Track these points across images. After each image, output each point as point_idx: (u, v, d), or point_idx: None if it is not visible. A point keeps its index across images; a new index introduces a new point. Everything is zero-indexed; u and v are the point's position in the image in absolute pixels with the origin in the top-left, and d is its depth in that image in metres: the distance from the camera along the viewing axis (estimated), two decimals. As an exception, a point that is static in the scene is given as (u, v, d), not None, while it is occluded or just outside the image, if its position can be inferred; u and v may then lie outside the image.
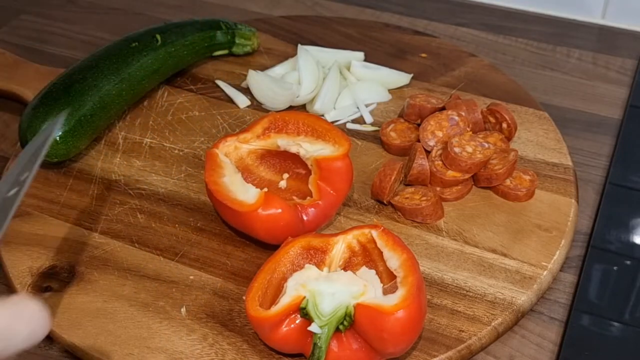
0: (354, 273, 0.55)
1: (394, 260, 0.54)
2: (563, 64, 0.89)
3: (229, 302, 0.59)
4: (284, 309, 0.52)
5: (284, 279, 0.55)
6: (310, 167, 0.63)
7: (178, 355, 0.55)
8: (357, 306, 0.51)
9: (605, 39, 0.93)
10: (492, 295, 0.59)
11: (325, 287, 0.53)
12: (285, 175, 0.66)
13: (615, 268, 0.64)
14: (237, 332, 0.57)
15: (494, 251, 0.63)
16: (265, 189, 0.62)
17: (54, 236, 0.65)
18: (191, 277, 0.61)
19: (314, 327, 0.51)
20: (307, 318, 0.52)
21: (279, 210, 0.59)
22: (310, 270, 0.55)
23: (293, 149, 0.64)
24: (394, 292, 0.52)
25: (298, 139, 0.65)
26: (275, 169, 0.66)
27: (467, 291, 0.60)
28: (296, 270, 0.55)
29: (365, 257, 0.57)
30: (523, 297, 0.59)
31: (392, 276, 0.54)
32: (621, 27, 0.95)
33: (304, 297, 0.52)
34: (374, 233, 0.56)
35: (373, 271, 0.55)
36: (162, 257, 0.63)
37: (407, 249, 0.55)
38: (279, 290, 0.55)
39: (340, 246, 0.57)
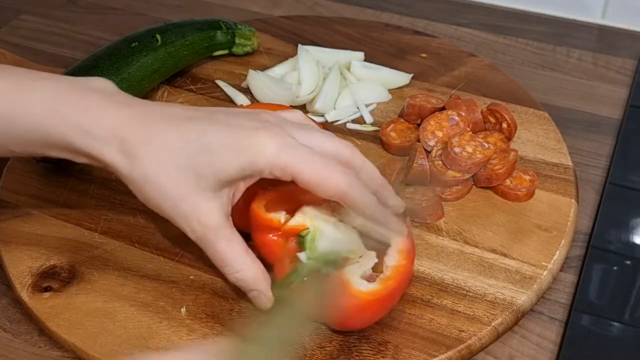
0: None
1: (391, 260, 0.55)
2: (563, 64, 0.89)
3: (229, 302, 0.59)
4: (285, 228, 0.55)
5: (299, 203, 0.56)
6: None
7: (178, 355, 0.55)
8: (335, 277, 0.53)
9: (605, 39, 0.93)
10: (492, 295, 0.59)
11: (331, 231, 0.55)
12: None
13: (615, 268, 0.64)
14: (237, 332, 0.57)
15: (494, 251, 0.63)
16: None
17: (54, 236, 0.65)
18: (191, 277, 0.61)
19: (302, 256, 0.54)
20: (300, 246, 0.54)
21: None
22: (324, 209, 0.56)
23: None
24: (371, 281, 0.54)
25: None
26: None
27: (467, 291, 0.60)
28: (315, 203, 0.57)
29: None
30: (523, 297, 0.59)
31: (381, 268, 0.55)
32: (621, 27, 0.95)
33: (307, 228, 0.54)
34: None
35: (374, 253, 0.55)
36: (162, 257, 0.63)
37: (410, 260, 0.55)
38: (285, 202, 0.56)
39: None
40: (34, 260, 0.62)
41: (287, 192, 0.57)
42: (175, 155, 0.52)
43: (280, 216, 0.55)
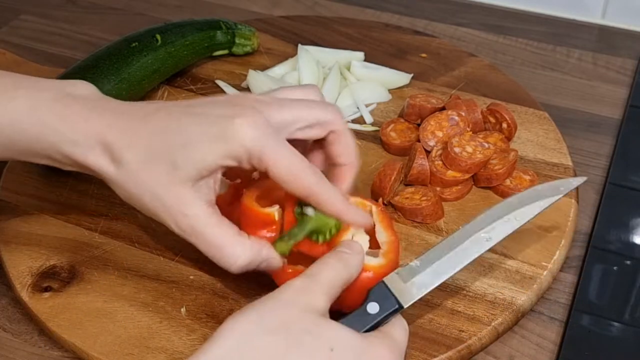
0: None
1: (382, 236, 0.56)
2: (563, 64, 0.89)
3: (229, 302, 0.59)
4: (289, 196, 0.55)
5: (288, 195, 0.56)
6: None
7: (178, 355, 0.55)
8: None
9: (605, 39, 0.93)
10: (492, 295, 0.59)
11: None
12: None
13: (615, 268, 0.64)
14: (237, 332, 0.57)
15: (494, 251, 0.63)
16: None
17: (54, 236, 0.65)
18: (191, 277, 0.61)
19: (309, 210, 0.54)
20: (299, 216, 0.54)
21: None
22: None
23: None
24: (374, 256, 0.54)
25: None
26: None
27: (467, 291, 0.60)
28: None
29: None
30: (523, 297, 0.59)
31: (375, 244, 0.56)
32: (621, 27, 0.95)
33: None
34: (374, 209, 0.57)
35: (367, 237, 0.56)
36: (162, 257, 0.63)
37: (395, 233, 0.56)
38: (274, 195, 0.57)
39: None
40: (34, 260, 0.62)
41: (275, 185, 0.57)
42: (157, 152, 0.52)
43: (274, 210, 0.56)
